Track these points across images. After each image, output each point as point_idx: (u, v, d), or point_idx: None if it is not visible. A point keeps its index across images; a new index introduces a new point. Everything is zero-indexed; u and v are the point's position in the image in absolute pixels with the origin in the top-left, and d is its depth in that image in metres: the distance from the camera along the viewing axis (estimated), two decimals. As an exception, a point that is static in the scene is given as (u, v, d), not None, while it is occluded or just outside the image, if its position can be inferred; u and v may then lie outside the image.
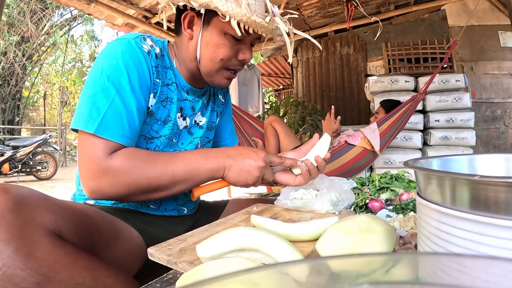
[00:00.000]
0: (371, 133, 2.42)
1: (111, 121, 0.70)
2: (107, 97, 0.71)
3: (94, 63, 0.77)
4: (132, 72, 0.74)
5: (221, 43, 0.79)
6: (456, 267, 0.16)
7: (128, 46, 0.75)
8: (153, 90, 0.80)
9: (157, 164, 0.71)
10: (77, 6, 3.00)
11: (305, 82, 4.99)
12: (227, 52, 0.80)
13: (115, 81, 0.72)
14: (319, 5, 3.73)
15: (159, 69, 0.81)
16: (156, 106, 0.81)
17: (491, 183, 0.30)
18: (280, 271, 0.16)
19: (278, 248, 0.48)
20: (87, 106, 0.71)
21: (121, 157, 0.69)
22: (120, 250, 0.72)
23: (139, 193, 0.72)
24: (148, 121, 0.81)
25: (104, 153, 0.69)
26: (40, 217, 0.52)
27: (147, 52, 0.78)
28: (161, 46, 0.84)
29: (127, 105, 0.72)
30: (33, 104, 14.95)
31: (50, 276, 0.49)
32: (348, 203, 0.86)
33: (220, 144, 1.10)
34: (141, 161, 0.70)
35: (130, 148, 0.73)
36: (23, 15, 10.29)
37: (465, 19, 3.74)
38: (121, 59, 0.73)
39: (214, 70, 0.83)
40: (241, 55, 0.82)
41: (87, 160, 0.69)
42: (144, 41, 0.79)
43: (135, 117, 0.74)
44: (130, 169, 0.69)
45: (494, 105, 3.89)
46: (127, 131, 0.72)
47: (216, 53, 0.80)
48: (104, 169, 0.68)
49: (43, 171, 6.72)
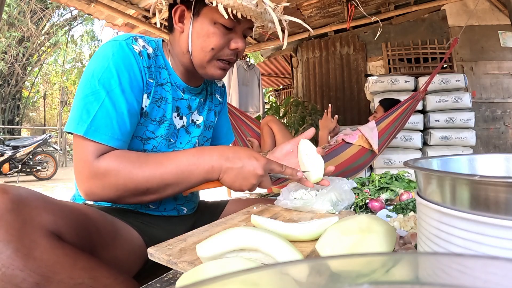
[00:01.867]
0: (369, 131, 2.36)
1: (100, 124, 0.70)
2: (97, 100, 0.71)
3: (88, 65, 0.78)
4: (122, 74, 0.74)
5: (211, 32, 0.79)
6: (456, 267, 0.15)
7: (119, 48, 0.76)
8: (147, 90, 0.80)
9: (145, 166, 0.70)
10: (77, 6, 3.00)
11: (305, 82, 4.99)
12: (218, 41, 0.80)
13: (106, 83, 0.72)
14: (319, 5, 3.73)
15: (152, 69, 0.81)
16: (151, 107, 0.81)
17: (491, 183, 0.30)
18: (280, 271, 0.16)
19: (278, 248, 0.48)
20: (78, 108, 0.71)
21: (109, 159, 0.69)
22: (120, 250, 0.72)
23: (129, 196, 0.72)
24: (143, 122, 0.81)
25: (93, 155, 0.69)
26: (39, 217, 0.52)
27: (138, 53, 0.78)
28: (154, 46, 0.85)
29: (117, 107, 0.73)
30: (33, 104, 14.95)
31: (50, 276, 0.49)
32: (348, 203, 0.86)
33: (216, 143, 1.11)
34: (129, 163, 0.70)
35: (119, 150, 0.72)
36: (23, 15, 10.29)
37: (465, 19, 3.74)
38: (112, 61, 0.74)
39: (205, 61, 0.82)
40: (233, 44, 0.82)
41: (80, 162, 0.70)
42: (136, 42, 0.79)
43: (125, 119, 0.74)
44: (117, 172, 0.69)
45: (494, 105, 3.89)
46: (117, 133, 0.72)
47: (206, 43, 0.80)
48: (94, 171, 0.69)
49: (43, 171, 6.72)
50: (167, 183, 0.71)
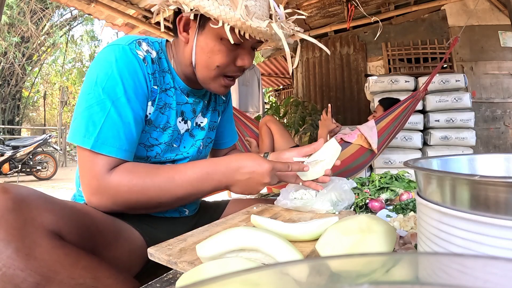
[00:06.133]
0: (368, 130, 2.34)
1: (108, 136, 0.69)
2: (103, 110, 0.69)
3: (89, 70, 0.75)
4: (127, 81, 0.72)
5: (217, 49, 0.74)
6: (456, 267, 0.16)
7: (123, 53, 0.72)
8: (151, 98, 0.77)
9: (156, 183, 0.71)
10: (77, 6, 3.00)
11: (305, 82, 4.99)
12: (224, 59, 0.75)
13: (110, 92, 0.70)
14: (319, 5, 3.73)
15: (156, 75, 0.78)
16: (155, 114, 0.79)
17: (491, 183, 0.30)
18: (280, 271, 0.16)
19: (278, 248, 0.48)
20: (83, 119, 0.70)
21: (119, 175, 0.69)
22: (121, 250, 0.72)
23: (139, 209, 0.73)
24: (147, 129, 0.79)
25: (103, 169, 0.69)
26: (40, 217, 0.52)
27: (142, 59, 0.74)
28: (158, 48, 0.81)
29: (123, 117, 0.71)
30: (33, 104, 14.96)
31: (50, 276, 0.49)
32: (348, 203, 0.86)
33: (223, 142, 1.10)
34: (140, 179, 0.70)
35: (129, 164, 0.72)
36: (23, 15, 10.29)
37: (465, 19, 3.74)
38: (116, 68, 0.71)
39: (210, 77, 0.79)
40: (240, 61, 0.78)
41: (88, 176, 0.70)
42: (139, 46, 0.76)
43: (132, 129, 0.73)
44: (129, 188, 0.69)
45: (494, 105, 3.89)
46: (125, 144, 0.71)
47: (211, 60, 0.76)
48: (104, 186, 0.69)
49: (43, 171, 6.72)
50: (178, 197, 0.73)
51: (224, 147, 1.11)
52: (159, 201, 0.71)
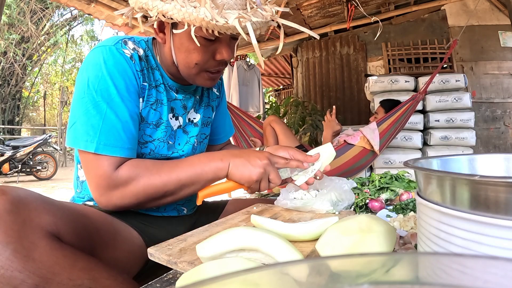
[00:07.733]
0: (370, 133, 2.41)
1: (108, 137, 0.71)
2: (99, 113, 0.71)
3: (79, 73, 0.76)
4: (118, 81, 0.73)
5: (192, 47, 0.74)
6: (456, 267, 0.15)
7: (110, 54, 0.74)
8: (142, 94, 0.79)
9: (161, 171, 0.73)
10: (77, 6, 3.00)
11: (305, 82, 4.98)
12: (200, 56, 0.75)
13: (104, 93, 0.72)
14: (319, 5, 3.73)
15: (145, 72, 0.79)
16: (146, 110, 0.80)
17: (491, 183, 0.30)
18: (280, 271, 0.16)
19: (278, 248, 0.48)
20: (82, 124, 0.71)
21: (128, 169, 0.72)
22: (120, 251, 0.72)
23: (147, 201, 0.74)
24: (141, 126, 0.80)
25: (109, 168, 0.71)
26: (38, 218, 0.52)
27: (129, 57, 0.76)
28: (144, 46, 0.82)
29: (120, 116, 0.73)
30: (33, 104, 14.96)
31: (49, 278, 0.49)
32: (348, 203, 0.86)
33: (217, 137, 1.10)
34: (146, 171, 0.72)
35: (135, 160, 0.75)
36: (23, 15, 10.29)
37: (465, 19, 3.74)
38: (105, 70, 0.72)
39: (193, 74, 0.80)
40: (219, 56, 0.77)
41: (95, 177, 0.71)
42: (125, 45, 0.77)
43: (131, 126, 0.74)
44: (137, 180, 0.71)
45: (494, 105, 3.88)
46: (126, 142, 0.73)
47: (189, 58, 0.76)
48: (114, 183, 0.71)
49: (43, 171, 6.72)
50: (183, 184, 0.74)
51: (218, 142, 1.12)
52: (165, 190, 0.73)
